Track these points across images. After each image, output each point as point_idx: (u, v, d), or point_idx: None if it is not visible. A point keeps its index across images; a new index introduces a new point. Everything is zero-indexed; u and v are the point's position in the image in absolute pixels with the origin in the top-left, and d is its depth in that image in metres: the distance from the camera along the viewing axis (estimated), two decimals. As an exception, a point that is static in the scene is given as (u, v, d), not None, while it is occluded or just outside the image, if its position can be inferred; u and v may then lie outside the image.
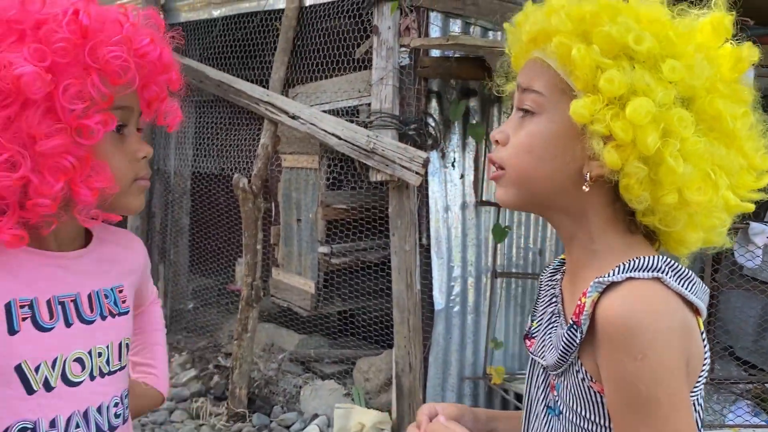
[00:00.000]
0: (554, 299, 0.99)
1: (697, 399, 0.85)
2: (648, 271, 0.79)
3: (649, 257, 0.82)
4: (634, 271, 0.79)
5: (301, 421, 3.60)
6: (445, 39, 2.80)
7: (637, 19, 0.82)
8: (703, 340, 0.84)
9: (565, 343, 0.85)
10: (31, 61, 0.82)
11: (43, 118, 0.85)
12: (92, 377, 0.97)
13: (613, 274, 0.80)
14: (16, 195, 0.85)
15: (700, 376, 0.83)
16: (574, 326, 0.83)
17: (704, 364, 0.84)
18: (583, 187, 0.85)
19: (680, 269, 0.82)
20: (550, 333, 0.95)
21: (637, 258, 0.82)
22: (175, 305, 4.83)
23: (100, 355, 0.99)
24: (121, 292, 1.05)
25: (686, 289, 0.80)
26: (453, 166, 3.33)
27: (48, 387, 0.92)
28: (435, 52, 3.23)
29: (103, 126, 0.89)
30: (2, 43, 0.84)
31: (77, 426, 0.95)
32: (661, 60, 0.80)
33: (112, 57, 0.88)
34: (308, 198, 4.01)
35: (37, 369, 0.91)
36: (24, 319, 0.91)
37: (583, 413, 0.86)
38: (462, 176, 3.36)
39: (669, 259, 0.82)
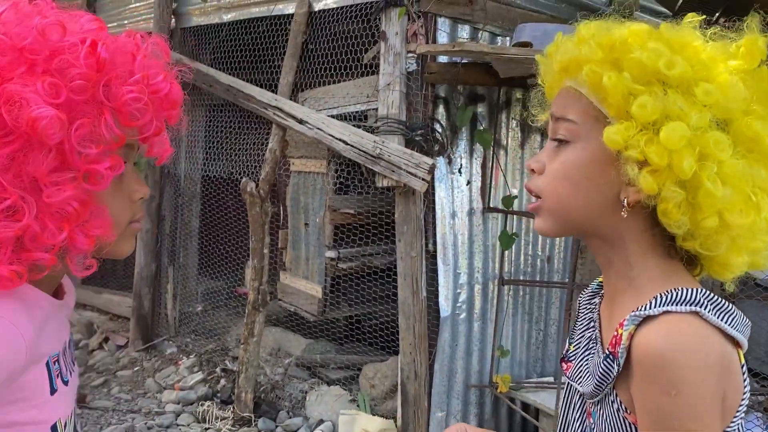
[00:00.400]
0: (592, 324, 0.99)
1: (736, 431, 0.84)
2: (686, 305, 0.79)
3: (688, 289, 0.81)
4: (672, 304, 0.79)
5: (307, 426, 3.59)
6: (452, 45, 2.78)
7: (669, 45, 0.83)
8: (744, 373, 0.83)
9: (601, 372, 0.85)
10: (47, 99, 0.73)
11: (51, 162, 0.75)
12: (75, 425, 0.95)
13: (650, 307, 0.80)
14: (12, 244, 0.75)
15: (738, 410, 0.83)
16: (611, 357, 0.83)
17: (743, 398, 0.83)
18: (621, 213, 0.85)
19: (720, 302, 0.81)
20: (587, 359, 0.95)
21: (675, 290, 0.81)
22: (184, 308, 4.84)
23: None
24: (72, 335, 1.00)
25: (726, 322, 0.79)
26: (460, 172, 3.31)
27: None
28: (442, 58, 3.22)
29: (113, 171, 0.80)
30: (11, 72, 0.74)
31: None
32: (695, 84, 0.80)
33: (132, 98, 0.80)
34: (316, 202, 4.00)
35: (65, 425, 0.87)
36: (57, 375, 0.86)
37: None
38: (468, 182, 3.34)
39: (708, 292, 0.82)
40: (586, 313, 1.03)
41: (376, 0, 3.29)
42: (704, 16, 0.90)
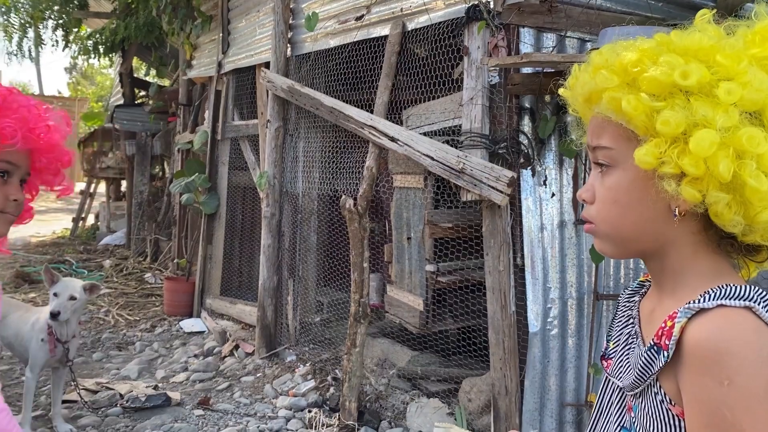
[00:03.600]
0: (631, 321, 1.02)
1: None
2: (740, 300, 0.81)
3: (741, 286, 0.83)
4: (726, 298, 0.81)
5: (405, 437, 3.66)
6: (519, 57, 2.74)
7: (683, 52, 0.85)
8: None
9: (643, 364, 0.88)
10: None
11: None
12: None
13: (704, 301, 0.82)
14: None
15: None
16: (654, 348, 0.85)
17: None
18: (674, 221, 0.88)
19: None
20: (627, 354, 0.98)
21: (727, 285, 0.83)
22: (303, 318, 5.11)
23: None
24: None
25: None
26: (545, 184, 3.23)
27: None
28: (526, 69, 3.17)
29: None
30: None
31: None
32: (715, 86, 0.81)
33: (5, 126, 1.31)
34: (416, 217, 4.08)
35: None
36: None
37: None
38: (554, 195, 3.25)
39: (761, 290, 0.84)
40: (625, 311, 1.05)
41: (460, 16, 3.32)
42: (714, 10, 0.90)
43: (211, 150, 6.37)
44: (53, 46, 11.78)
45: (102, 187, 12.77)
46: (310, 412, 4.07)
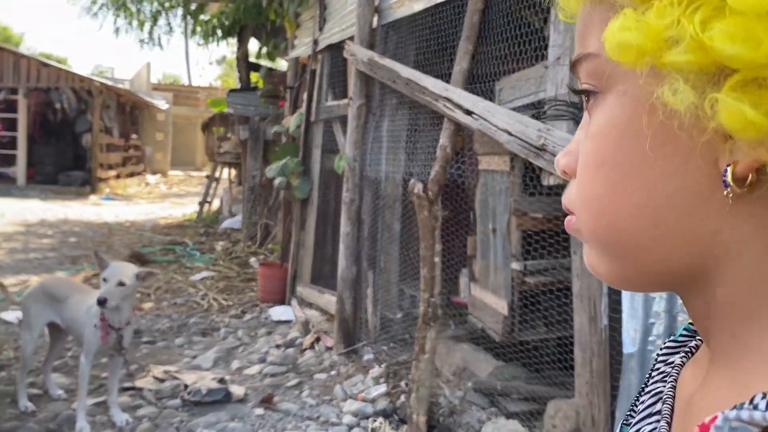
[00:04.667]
0: (658, 400, 0.52)
1: None
2: None
3: None
4: None
5: (474, 463, 3.12)
6: None
7: None
8: None
9: None
10: None
11: None
12: None
13: None
14: None
15: None
16: None
17: None
18: (726, 199, 0.38)
19: None
20: None
21: None
22: (384, 314, 4.68)
23: None
24: None
25: None
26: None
27: None
28: (629, 18, 2.49)
29: None
30: None
31: None
32: None
33: None
34: (501, 205, 3.49)
35: None
36: None
37: None
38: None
39: None
40: (657, 380, 0.55)
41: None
42: None
43: (305, 132, 6.08)
44: (182, 33, 12.20)
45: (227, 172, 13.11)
46: (374, 421, 3.63)
